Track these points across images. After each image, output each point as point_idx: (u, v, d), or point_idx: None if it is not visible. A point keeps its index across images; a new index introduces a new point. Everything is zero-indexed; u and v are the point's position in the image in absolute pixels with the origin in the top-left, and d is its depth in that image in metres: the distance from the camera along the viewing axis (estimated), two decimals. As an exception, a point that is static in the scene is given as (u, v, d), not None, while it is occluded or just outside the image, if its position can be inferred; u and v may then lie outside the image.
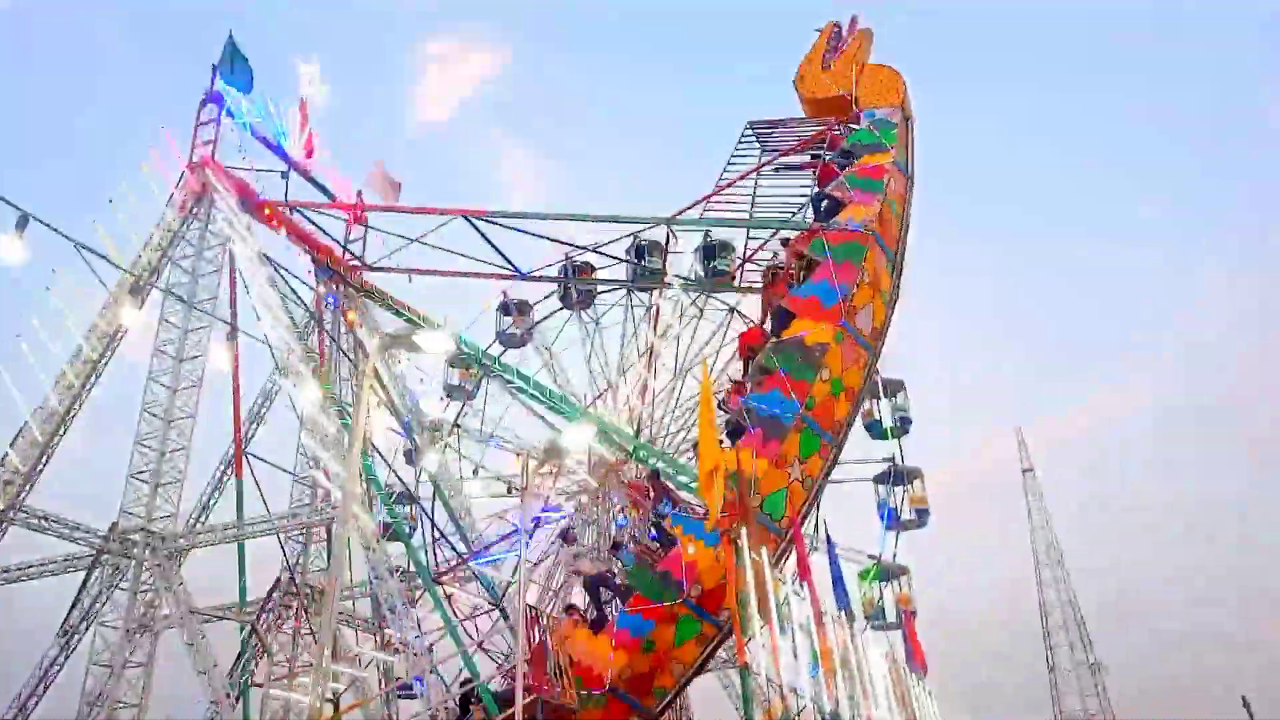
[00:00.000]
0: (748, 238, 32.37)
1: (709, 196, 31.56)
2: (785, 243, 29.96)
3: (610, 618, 23.13)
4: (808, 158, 32.69)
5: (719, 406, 28.70)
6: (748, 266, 32.47)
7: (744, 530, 21.32)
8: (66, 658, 26.54)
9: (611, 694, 21.67)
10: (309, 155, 29.10)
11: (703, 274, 32.28)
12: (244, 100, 27.40)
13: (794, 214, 31.38)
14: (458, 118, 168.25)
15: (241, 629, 28.75)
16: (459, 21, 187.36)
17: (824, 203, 29.09)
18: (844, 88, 32.52)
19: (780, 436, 23.70)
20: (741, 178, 32.05)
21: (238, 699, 25.79)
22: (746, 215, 32.09)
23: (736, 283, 32.63)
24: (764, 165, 32.53)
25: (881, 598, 36.48)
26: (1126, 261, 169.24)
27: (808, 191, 31.87)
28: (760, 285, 31.35)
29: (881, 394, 35.34)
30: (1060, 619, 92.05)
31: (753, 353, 27.12)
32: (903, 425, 36.17)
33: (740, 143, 33.13)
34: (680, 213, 30.41)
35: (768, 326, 27.33)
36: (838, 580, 27.89)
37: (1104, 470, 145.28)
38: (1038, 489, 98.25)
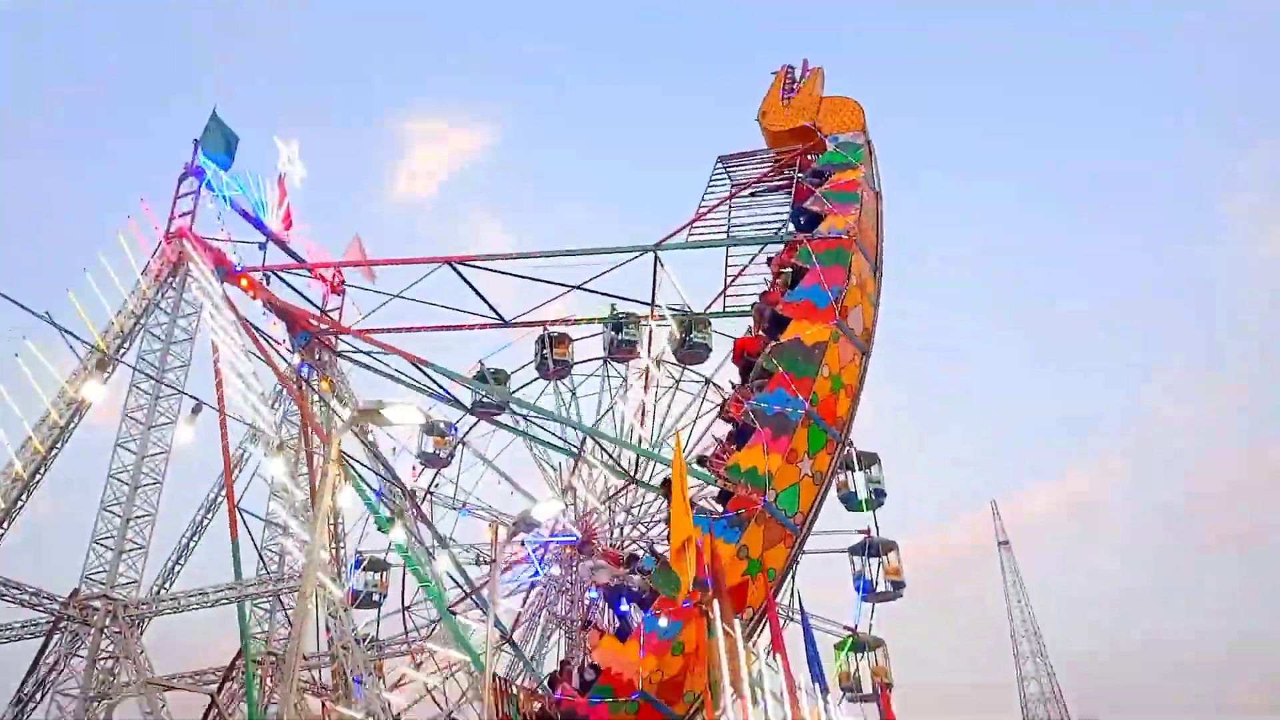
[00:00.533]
0: (726, 264, 33.44)
1: (691, 223, 32.58)
2: (769, 262, 31.19)
3: (635, 624, 23.16)
4: (781, 182, 34.60)
5: (720, 416, 29.22)
6: (730, 290, 33.36)
7: (716, 604, 21.32)
8: (20, 728, 25.90)
9: (643, 699, 21.57)
10: (287, 228, 29.51)
11: (612, 345, 32.70)
12: (224, 174, 27.85)
13: (776, 231, 32.70)
14: (437, 194, 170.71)
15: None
16: (444, 98, 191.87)
17: (803, 218, 30.69)
18: (807, 118, 34.93)
19: (789, 432, 24.63)
20: (720, 203, 33.74)
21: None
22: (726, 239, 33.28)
23: (722, 307, 33.32)
24: (740, 190, 34.31)
25: (857, 670, 36.20)
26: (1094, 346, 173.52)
27: (781, 213, 33.66)
28: (745, 309, 32.33)
29: (856, 466, 35.56)
30: (1038, 690, 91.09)
31: (748, 359, 27.84)
32: (877, 497, 36.28)
33: (713, 177, 35.27)
34: (665, 240, 31.10)
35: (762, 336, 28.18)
36: (812, 655, 27.72)
37: (1075, 546, 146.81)
38: (1013, 562, 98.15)
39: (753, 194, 35.01)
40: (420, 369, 28.73)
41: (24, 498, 23.85)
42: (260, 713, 25.83)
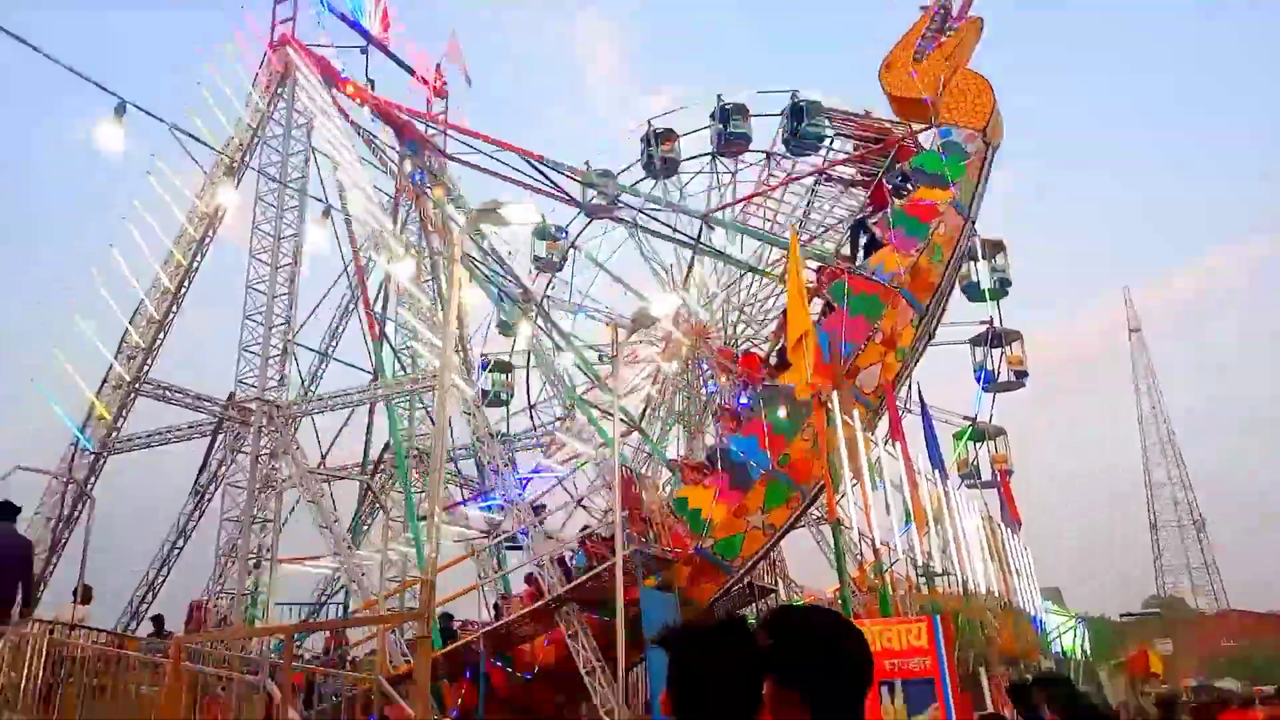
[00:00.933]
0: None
1: (750, 198, 31.66)
2: (855, 227, 29.06)
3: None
4: (864, 176, 31.22)
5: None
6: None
7: (835, 394, 21.49)
8: (201, 514, 28.86)
9: (697, 554, 22.57)
10: (385, 29, 28.95)
11: (720, 139, 32.07)
12: (317, -25, 27.22)
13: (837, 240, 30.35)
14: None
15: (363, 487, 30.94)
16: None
17: (864, 235, 27.67)
18: (929, 91, 28.80)
19: (744, 488, 23.08)
20: (782, 184, 32.08)
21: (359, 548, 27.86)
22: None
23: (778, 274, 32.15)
24: (822, 171, 31.86)
25: (976, 457, 36.37)
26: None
27: (854, 211, 30.95)
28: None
29: (980, 255, 34.20)
30: (1164, 476, 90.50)
31: (748, 382, 26.55)
32: (1001, 287, 35.04)
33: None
34: (714, 210, 30.93)
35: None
36: (931, 440, 27.83)
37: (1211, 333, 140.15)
38: (1144, 349, 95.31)
39: (829, 177, 31.60)
40: (534, 165, 28.69)
41: (174, 309, 25.41)
42: (411, 496, 27.98)
